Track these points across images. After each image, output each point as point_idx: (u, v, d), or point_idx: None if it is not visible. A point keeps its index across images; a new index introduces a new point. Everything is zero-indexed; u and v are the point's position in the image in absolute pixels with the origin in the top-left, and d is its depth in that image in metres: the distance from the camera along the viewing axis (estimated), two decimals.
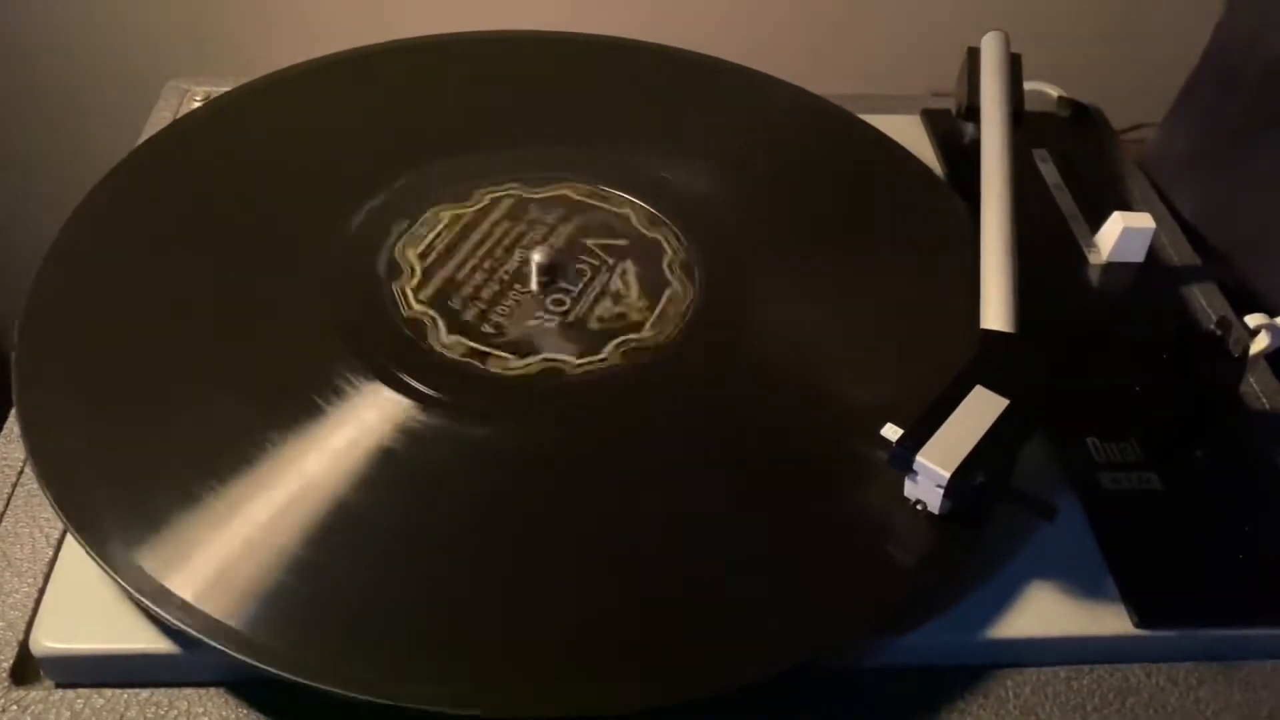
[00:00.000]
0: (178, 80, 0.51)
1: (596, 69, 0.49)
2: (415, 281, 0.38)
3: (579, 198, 0.42)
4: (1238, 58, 0.48)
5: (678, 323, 0.37)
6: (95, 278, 0.38)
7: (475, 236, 0.40)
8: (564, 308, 0.38)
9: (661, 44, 0.50)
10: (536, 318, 0.37)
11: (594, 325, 0.37)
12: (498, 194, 0.42)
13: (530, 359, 0.36)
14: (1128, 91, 0.56)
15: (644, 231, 0.41)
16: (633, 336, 0.37)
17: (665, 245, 0.40)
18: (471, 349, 0.36)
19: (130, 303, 0.37)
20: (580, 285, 0.39)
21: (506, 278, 0.39)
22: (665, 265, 0.39)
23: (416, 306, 0.37)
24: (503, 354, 0.36)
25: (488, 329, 0.37)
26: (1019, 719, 0.32)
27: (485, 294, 0.38)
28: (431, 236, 0.40)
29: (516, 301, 0.38)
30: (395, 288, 0.38)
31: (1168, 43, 0.57)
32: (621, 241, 0.40)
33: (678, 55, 0.49)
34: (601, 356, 0.36)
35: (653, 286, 0.39)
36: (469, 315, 0.37)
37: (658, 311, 0.38)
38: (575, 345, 0.36)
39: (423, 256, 0.39)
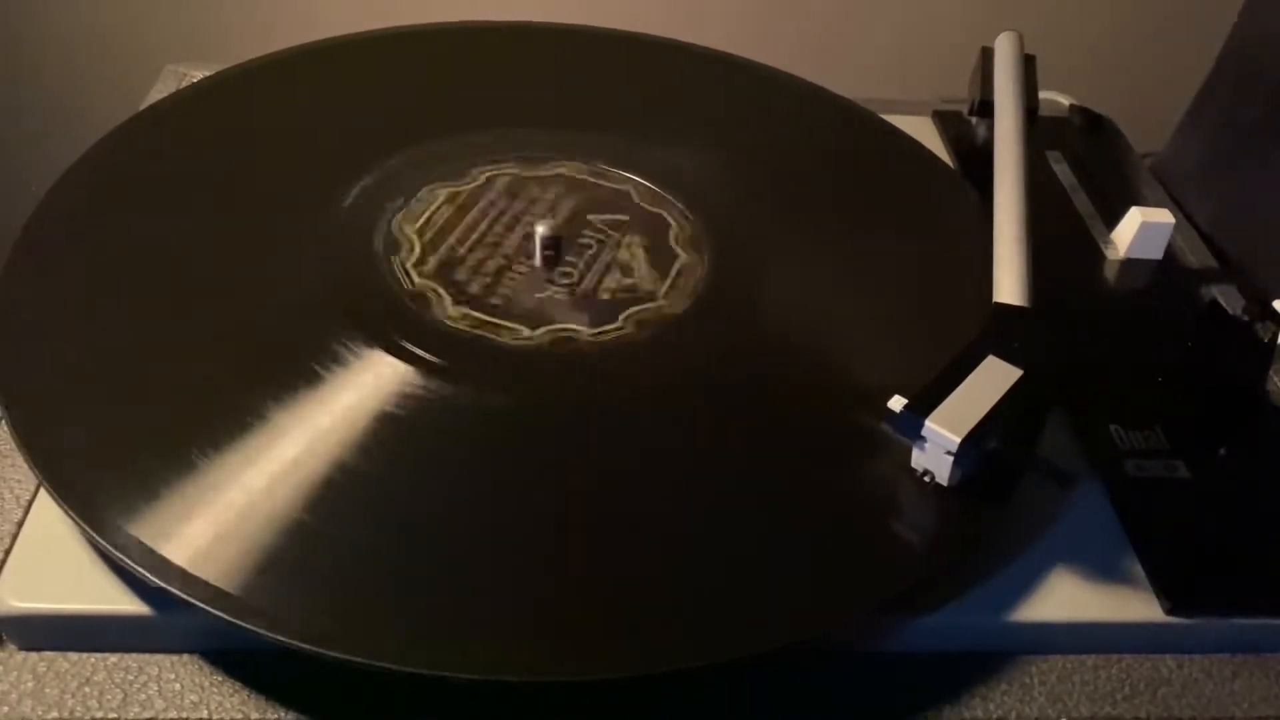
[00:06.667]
0: (176, 64, 0.50)
1: (596, 60, 0.48)
2: (416, 257, 0.37)
3: (579, 176, 0.41)
4: (1256, 60, 0.48)
5: (690, 294, 0.36)
6: (84, 240, 0.37)
7: (473, 213, 0.39)
8: (571, 280, 0.37)
9: (670, 38, 0.49)
10: (545, 290, 0.36)
11: (604, 296, 0.36)
12: (495, 173, 0.41)
13: (542, 329, 0.35)
14: (1134, 122, 0.55)
15: (646, 207, 0.40)
16: (647, 306, 0.36)
17: (670, 220, 0.39)
18: (481, 321, 0.35)
19: (121, 265, 0.36)
20: (586, 258, 0.37)
21: (510, 252, 0.38)
22: (672, 239, 0.38)
23: (420, 281, 0.36)
24: (514, 325, 0.35)
25: (495, 301, 0.35)
26: (1045, 707, 0.30)
27: (489, 268, 0.37)
28: (429, 213, 0.39)
29: (522, 275, 0.37)
30: (396, 262, 0.36)
31: (1176, 73, 0.57)
32: (624, 216, 0.39)
33: (680, 47, 0.49)
34: (616, 325, 0.35)
35: (662, 259, 0.38)
36: (475, 289, 0.36)
37: (669, 283, 0.36)
38: (587, 315, 0.35)
39: (421, 232, 0.38)
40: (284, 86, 0.45)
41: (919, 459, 0.31)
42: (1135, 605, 0.31)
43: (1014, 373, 0.32)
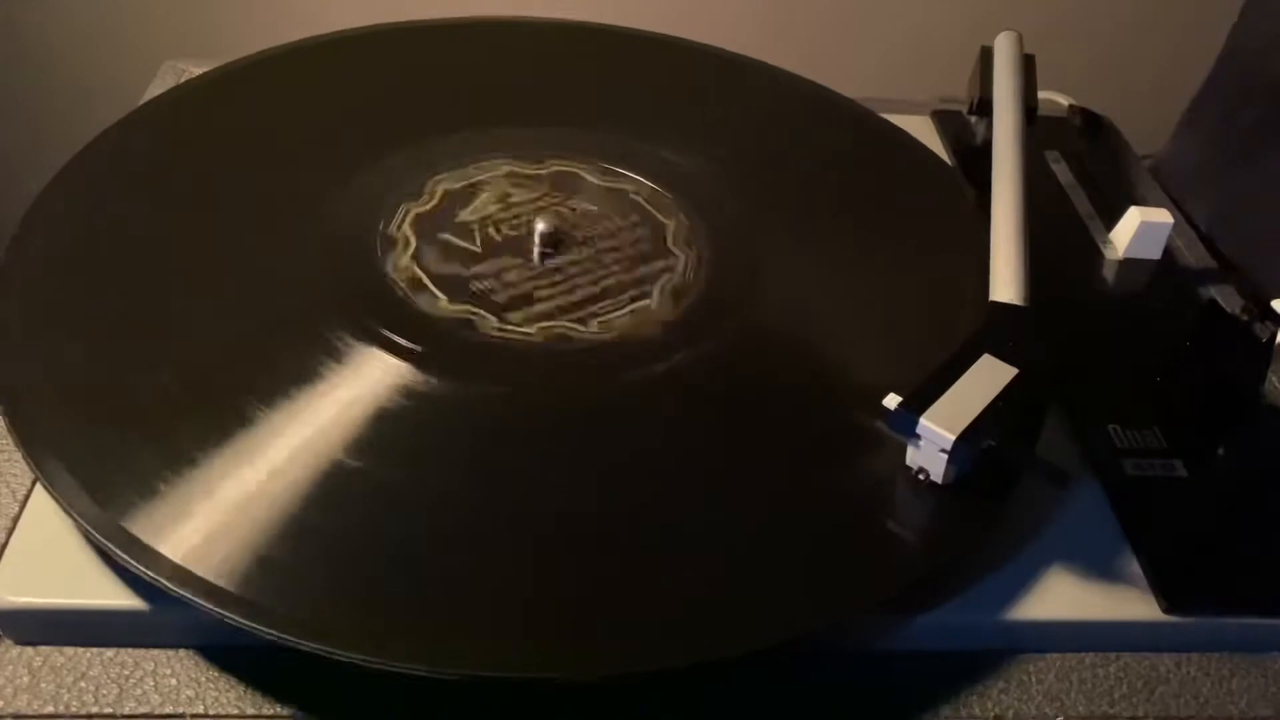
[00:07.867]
0: (174, 60, 0.50)
1: (624, 60, 0.48)
2: (427, 208, 0.38)
3: (634, 196, 0.41)
4: (1254, 62, 0.48)
5: (623, 332, 0.35)
6: (81, 236, 0.37)
7: (515, 193, 0.40)
8: (532, 275, 0.37)
9: (689, 39, 0.49)
10: (500, 274, 0.36)
11: (541, 303, 0.36)
12: (563, 168, 0.41)
13: (457, 306, 0.35)
14: (1134, 122, 0.55)
15: (678, 240, 0.39)
16: (562, 324, 0.35)
17: (688, 259, 0.38)
18: (414, 278, 0.35)
19: (118, 261, 0.36)
20: (575, 265, 0.37)
21: (507, 234, 0.38)
22: (675, 274, 0.37)
23: (405, 228, 0.37)
24: (439, 293, 0.35)
25: (444, 269, 0.36)
26: (1043, 704, 0.30)
27: (473, 239, 0.38)
28: (477, 178, 0.40)
29: (493, 255, 0.37)
30: (401, 208, 0.38)
31: (1176, 73, 0.57)
32: (648, 242, 0.39)
33: (701, 49, 0.49)
34: (523, 329, 0.34)
35: (632, 295, 0.36)
36: (439, 252, 0.37)
37: (620, 314, 0.36)
38: (509, 309, 0.35)
39: (449, 192, 0.39)
40: (283, 82, 0.45)
41: (914, 457, 0.31)
42: (1133, 604, 0.31)
43: (1009, 371, 0.32)
